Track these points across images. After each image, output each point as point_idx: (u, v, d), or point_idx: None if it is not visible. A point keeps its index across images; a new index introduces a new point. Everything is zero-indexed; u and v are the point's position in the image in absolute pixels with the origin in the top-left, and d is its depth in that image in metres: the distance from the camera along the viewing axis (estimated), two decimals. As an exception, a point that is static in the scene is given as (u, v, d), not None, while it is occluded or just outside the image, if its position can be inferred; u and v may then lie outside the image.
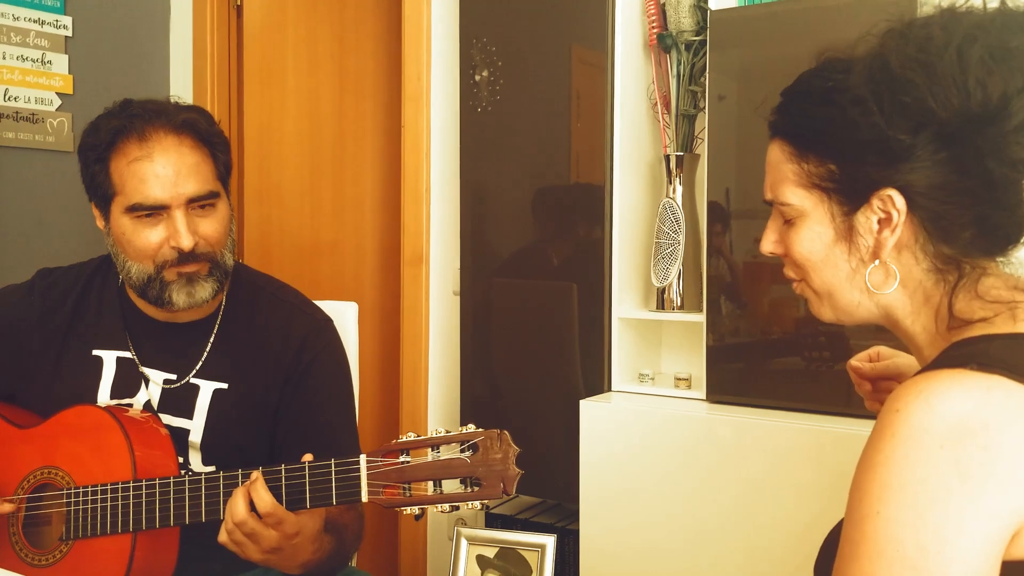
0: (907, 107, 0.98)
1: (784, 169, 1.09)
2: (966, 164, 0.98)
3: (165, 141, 1.61)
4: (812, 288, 1.12)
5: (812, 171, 1.06)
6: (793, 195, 1.08)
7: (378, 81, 3.23)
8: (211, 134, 1.67)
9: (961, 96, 0.96)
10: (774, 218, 1.15)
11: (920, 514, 0.86)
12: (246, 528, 1.37)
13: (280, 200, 3.32)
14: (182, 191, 1.60)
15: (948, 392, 0.89)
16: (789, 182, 1.08)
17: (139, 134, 1.60)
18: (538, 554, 1.57)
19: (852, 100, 1.01)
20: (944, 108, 0.96)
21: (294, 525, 1.39)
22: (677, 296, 2.26)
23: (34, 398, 1.70)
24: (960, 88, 0.96)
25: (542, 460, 2.33)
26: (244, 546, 1.39)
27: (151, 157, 1.59)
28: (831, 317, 1.13)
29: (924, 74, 0.97)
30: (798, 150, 1.07)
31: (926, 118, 0.97)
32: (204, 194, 1.62)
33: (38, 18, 3.01)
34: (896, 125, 0.98)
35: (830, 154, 1.05)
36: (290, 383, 1.70)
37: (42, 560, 1.55)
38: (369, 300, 3.19)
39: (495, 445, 1.33)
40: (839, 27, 1.89)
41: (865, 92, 1.00)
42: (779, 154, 1.10)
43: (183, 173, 1.60)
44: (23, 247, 2.93)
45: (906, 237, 1.03)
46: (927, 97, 0.96)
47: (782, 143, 1.10)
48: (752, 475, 1.95)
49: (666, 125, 2.32)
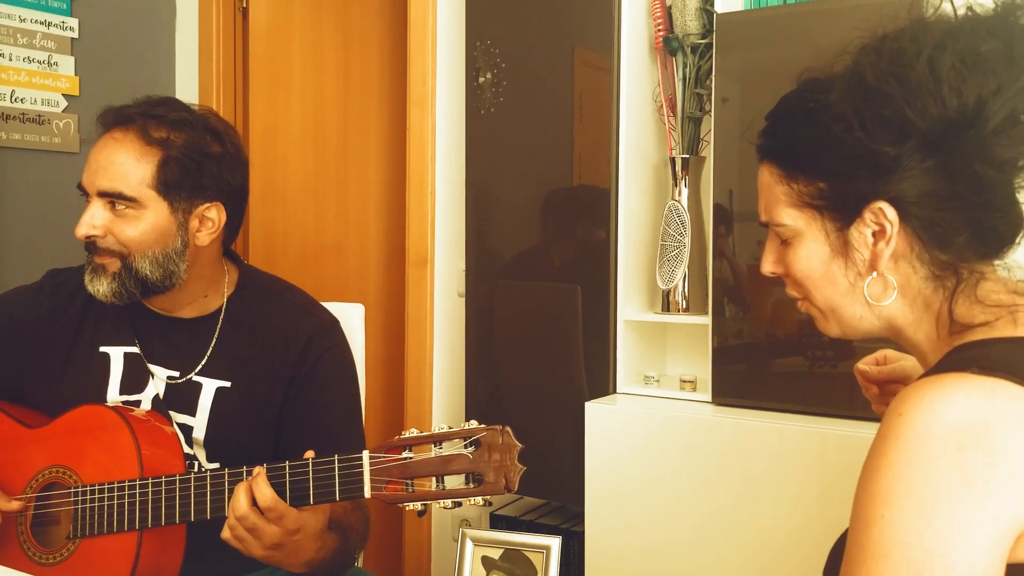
0: (887, 120, 0.99)
1: (776, 191, 1.11)
2: (953, 169, 0.99)
3: (115, 132, 1.63)
4: (816, 306, 1.13)
5: (802, 191, 1.08)
6: (787, 216, 1.10)
7: (383, 83, 3.24)
8: (169, 141, 1.63)
9: (938, 104, 0.97)
10: (771, 239, 1.16)
11: (925, 518, 0.87)
12: (247, 523, 1.37)
13: (285, 202, 3.33)
14: (96, 182, 1.61)
15: (951, 396, 0.90)
16: (781, 203, 1.10)
17: (110, 124, 1.65)
18: (543, 555, 1.57)
19: (834, 118, 1.03)
20: (923, 118, 0.97)
21: (295, 521, 1.39)
22: (682, 298, 2.26)
23: (44, 397, 1.70)
24: (935, 97, 0.97)
25: (547, 462, 2.33)
26: (246, 542, 1.40)
27: (97, 144, 1.64)
28: (838, 333, 1.14)
29: (899, 86, 0.98)
30: (787, 171, 1.09)
31: (907, 129, 0.98)
32: (113, 193, 1.61)
33: (44, 20, 3.02)
34: (879, 139, 0.99)
35: (818, 173, 1.06)
36: (295, 383, 1.71)
37: (49, 559, 1.55)
38: (373, 302, 3.20)
39: (497, 441, 1.33)
40: (845, 30, 1.88)
41: (846, 109, 1.02)
42: (769, 177, 1.12)
43: (103, 166, 1.61)
44: (30, 248, 2.95)
45: (901, 247, 1.03)
46: (905, 109, 0.98)
47: (771, 166, 1.11)
48: (757, 477, 1.95)
49: (672, 128, 2.33)
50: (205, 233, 1.68)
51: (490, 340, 2.54)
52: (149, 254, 1.63)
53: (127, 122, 1.63)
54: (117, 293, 1.64)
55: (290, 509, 1.38)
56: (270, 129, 3.32)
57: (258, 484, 1.37)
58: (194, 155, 1.64)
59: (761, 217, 1.15)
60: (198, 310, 1.74)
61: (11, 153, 2.94)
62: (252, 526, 1.37)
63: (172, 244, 1.65)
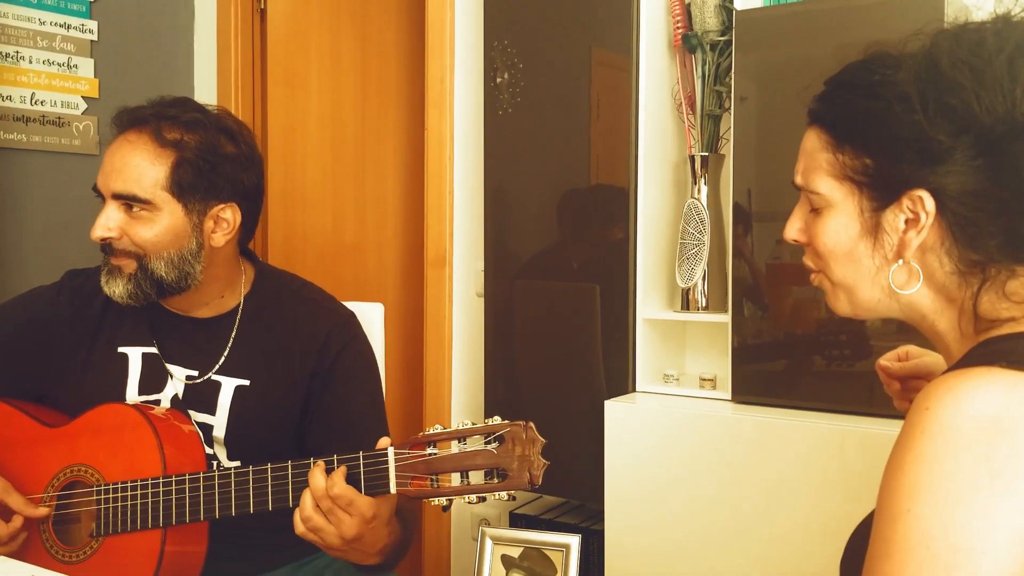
0: (951, 109, 0.97)
1: (819, 157, 1.08)
2: (1002, 173, 0.97)
3: (130, 134, 1.64)
4: (831, 280, 1.11)
5: (847, 163, 1.05)
6: (824, 184, 1.08)
7: (401, 84, 3.24)
8: (183, 143, 1.63)
9: (1007, 104, 0.95)
10: (801, 204, 1.14)
11: (950, 512, 0.86)
12: (325, 504, 1.36)
13: (303, 203, 3.34)
14: (108, 183, 1.62)
15: (977, 390, 0.89)
16: (822, 171, 1.08)
17: (125, 125, 1.66)
18: (563, 554, 1.57)
19: (897, 96, 1.00)
20: (988, 114, 0.96)
21: (371, 506, 1.38)
22: (702, 297, 2.26)
23: (64, 397, 1.71)
24: (1007, 96, 0.96)
25: (566, 461, 2.33)
26: (323, 531, 1.38)
27: (112, 146, 1.65)
28: (847, 310, 1.12)
29: (972, 78, 0.97)
30: (836, 140, 1.07)
31: (969, 122, 0.97)
32: (127, 195, 1.61)
33: (64, 22, 3.04)
34: (938, 126, 0.98)
35: (867, 148, 1.04)
36: (317, 378, 1.71)
37: (72, 557, 1.56)
38: (392, 302, 3.20)
39: (521, 436, 1.33)
40: (865, 28, 1.88)
41: (911, 89, 0.99)
42: (816, 142, 1.09)
43: (117, 168, 1.62)
44: (49, 249, 2.96)
45: (931, 240, 1.02)
46: (972, 101, 0.96)
47: (820, 131, 1.09)
48: (777, 475, 1.95)
49: (691, 125, 2.32)
50: (220, 234, 1.68)
51: (509, 340, 2.55)
52: (164, 255, 1.64)
53: (141, 123, 1.64)
54: (133, 294, 1.65)
55: (360, 495, 1.37)
56: (288, 130, 3.33)
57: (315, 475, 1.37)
58: (208, 156, 1.64)
59: (796, 179, 1.12)
60: (215, 310, 1.75)
61: (31, 155, 2.95)
62: (329, 509, 1.36)
63: (187, 245, 1.65)
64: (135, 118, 1.65)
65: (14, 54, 2.92)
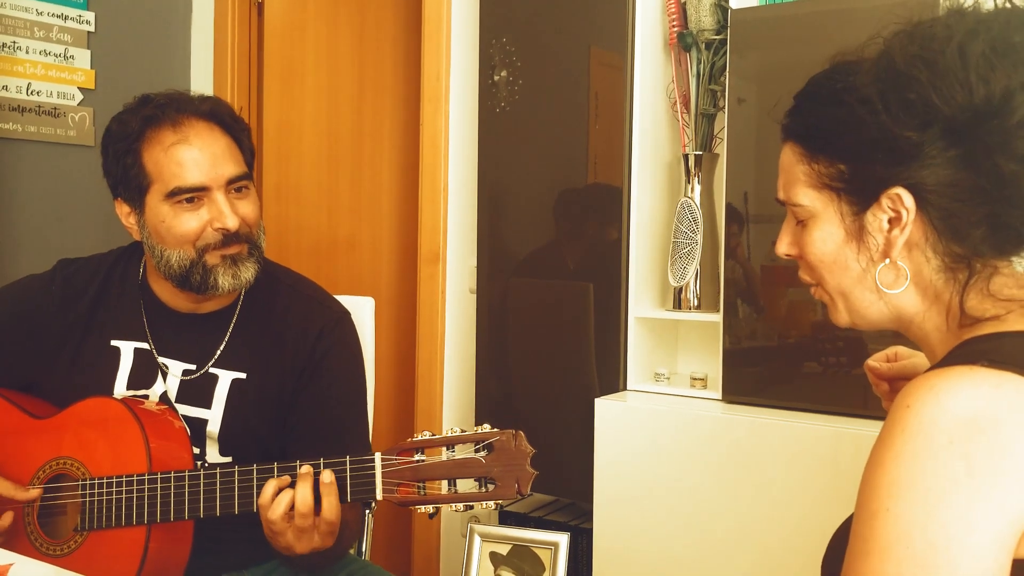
0: (912, 104, 0.98)
1: (796, 170, 1.10)
2: (976, 161, 0.97)
3: (198, 126, 1.63)
4: (827, 291, 1.12)
5: (822, 171, 1.07)
6: (805, 196, 1.09)
7: (397, 80, 3.24)
8: (235, 120, 1.69)
9: (964, 92, 0.96)
10: (788, 220, 1.15)
11: (929, 511, 0.86)
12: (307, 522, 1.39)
13: (298, 197, 3.34)
14: (221, 172, 1.61)
15: (958, 388, 0.89)
16: (801, 183, 1.09)
17: (172, 121, 1.62)
18: (551, 552, 1.57)
19: (859, 99, 1.01)
20: (947, 104, 0.96)
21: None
22: (694, 296, 2.26)
23: (52, 388, 1.70)
24: (963, 84, 0.96)
25: (557, 458, 2.33)
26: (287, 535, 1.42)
27: (188, 142, 1.61)
28: (847, 321, 1.13)
29: (927, 71, 0.97)
30: (809, 151, 1.08)
31: (931, 115, 0.97)
32: (240, 175, 1.64)
33: (61, 13, 3.04)
34: (902, 123, 0.98)
35: (839, 154, 1.05)
36: (304, 375, 1.71)
37: (57, 550, 1.56)
38: (386, 298, 3.20)
39: (510, 445, 1.33)
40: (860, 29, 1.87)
41: (872, 91, 1.00)
42: (791, 156, 1.11)
43: (219, 155, 1.62)
44: (43, 240, 2.96)
45: (916, 236, 1.02)
46: (930, 93, 0.96)
47: (793, 145, 1.11)
48: (767, 475, 1.95)
49: (685, 124, 2.32)
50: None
51: (501, 336, 2.54)
52: (261, 227, 1.71)
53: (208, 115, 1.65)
54: (257, 273, 1.68)
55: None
56: (283, 124, 3.33)
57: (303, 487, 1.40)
58: (246, 128, 1.73)
59: (779, 195, 1.14)
60: (216, 302, 1.74)
61: (26, 145, 2.95)
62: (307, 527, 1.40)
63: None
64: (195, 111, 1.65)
65: (11, 44, 2.92)
